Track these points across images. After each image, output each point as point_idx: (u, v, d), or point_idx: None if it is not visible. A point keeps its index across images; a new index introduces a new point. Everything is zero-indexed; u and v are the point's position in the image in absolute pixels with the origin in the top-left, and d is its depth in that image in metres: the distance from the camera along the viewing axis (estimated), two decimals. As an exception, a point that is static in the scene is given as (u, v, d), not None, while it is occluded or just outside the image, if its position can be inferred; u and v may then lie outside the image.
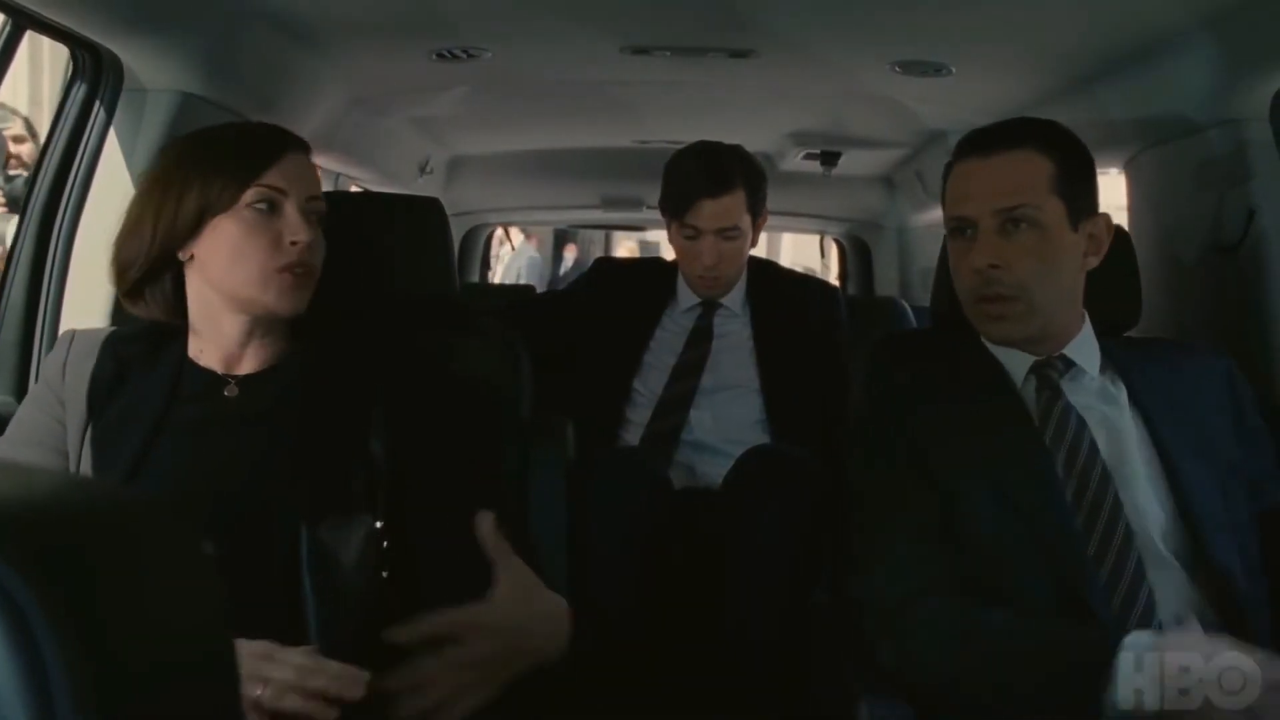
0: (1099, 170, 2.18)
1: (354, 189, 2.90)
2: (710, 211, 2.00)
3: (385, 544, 1.15)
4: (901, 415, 1.31)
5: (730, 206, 2.01)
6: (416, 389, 1.24)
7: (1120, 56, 1.77)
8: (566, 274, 7.60)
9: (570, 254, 8.45)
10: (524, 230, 6.08)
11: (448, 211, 1.64)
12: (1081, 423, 1.27)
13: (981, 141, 1.30)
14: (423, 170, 3.00)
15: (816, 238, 3.90)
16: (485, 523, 1.10)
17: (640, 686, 1.73)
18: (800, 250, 7.49)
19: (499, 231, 4.17)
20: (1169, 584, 1.19)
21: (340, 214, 1.27)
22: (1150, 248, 1.94)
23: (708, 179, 2.00)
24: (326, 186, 2.70)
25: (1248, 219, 1.67)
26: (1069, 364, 1.32)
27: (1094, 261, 1.32)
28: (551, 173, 3.19)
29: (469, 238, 3.69)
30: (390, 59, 2.02)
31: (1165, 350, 1.41)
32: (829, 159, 2.81)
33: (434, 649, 1.04)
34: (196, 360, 1.23)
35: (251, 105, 1.76)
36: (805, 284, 2.33)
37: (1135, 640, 1.01)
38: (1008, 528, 1.20)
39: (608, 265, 2.46)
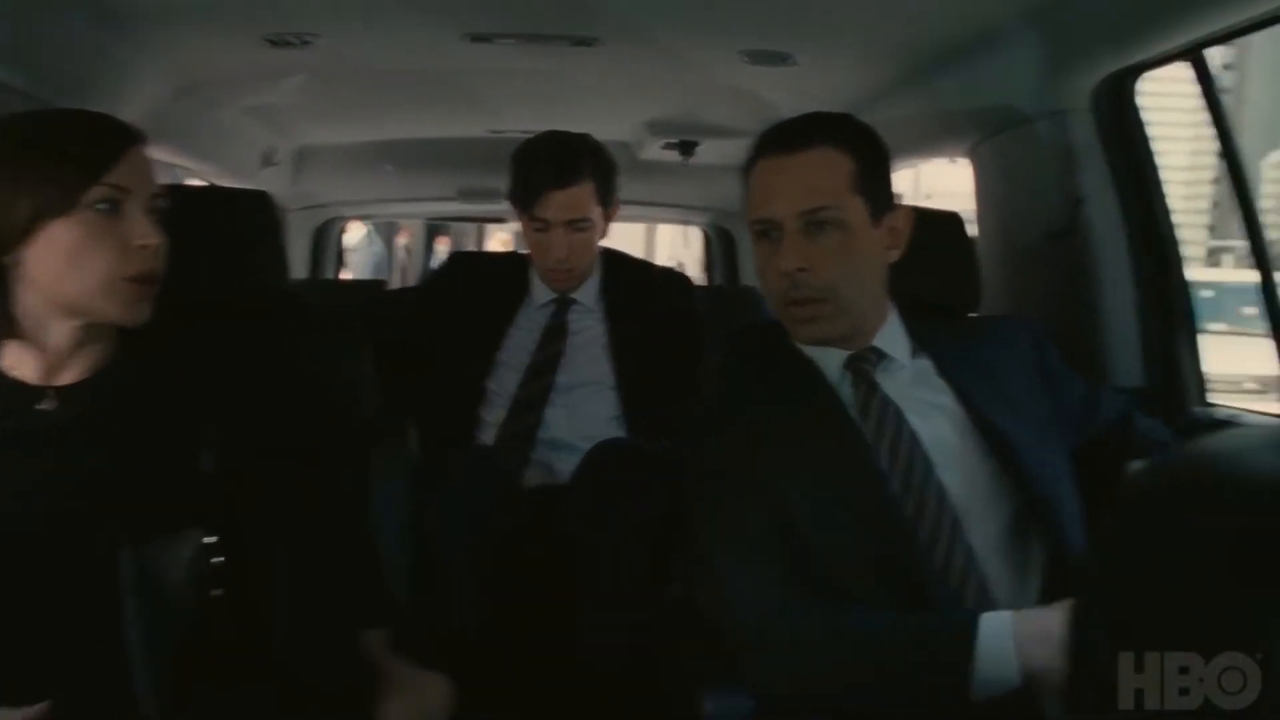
0: (948, 159, 2.30)
1: (193, 184, 2.80)
2: (559, 203, 2.00)
3: (218, 559, 1.13)
4: (727, 420, 1.33)
5: (579, 197, 2.01)
6: (248, 393, 1.20)
7: (955, 48, 1.85)
8: (441, 267, 7.52)
9: (443, 246, 8.33)
10: (368, 223, 5.99)
11: (298, 205, 1.61)
12: (899, 413, 1.31)
13: (781, 140, 1.30)
14: (267, 162, 2.91)
15: (692, 229, 3.93)
16: (372, 641, 1.13)
17: (491, 687, 1.73)
18: (678, 242, 7.55)
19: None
20: (1004, 544, 1.25)
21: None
22: (992, 234, 2.03)
23: (555, 170, 1.99)
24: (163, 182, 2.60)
25: (1076, 207, 1.77)
26: (880, 355, 1.35)
27: (895, 254, 1.34)
28: (406, 164, 3.14)
29: (322, 232, 3.60)
30: (217, 43, 1.96)
31: (971, 325, 1.47)
32: (686, 148, 2.84)
33: None
34: (7, 373, 1.15)
35: (58, 91, 1.68)
36: (659, 276, 2.34)
37: (990, 621, 1.08)
38: (840, 530, 1.23)
39: (462, 260, 2.45)
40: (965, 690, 1.10)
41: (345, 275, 4.42)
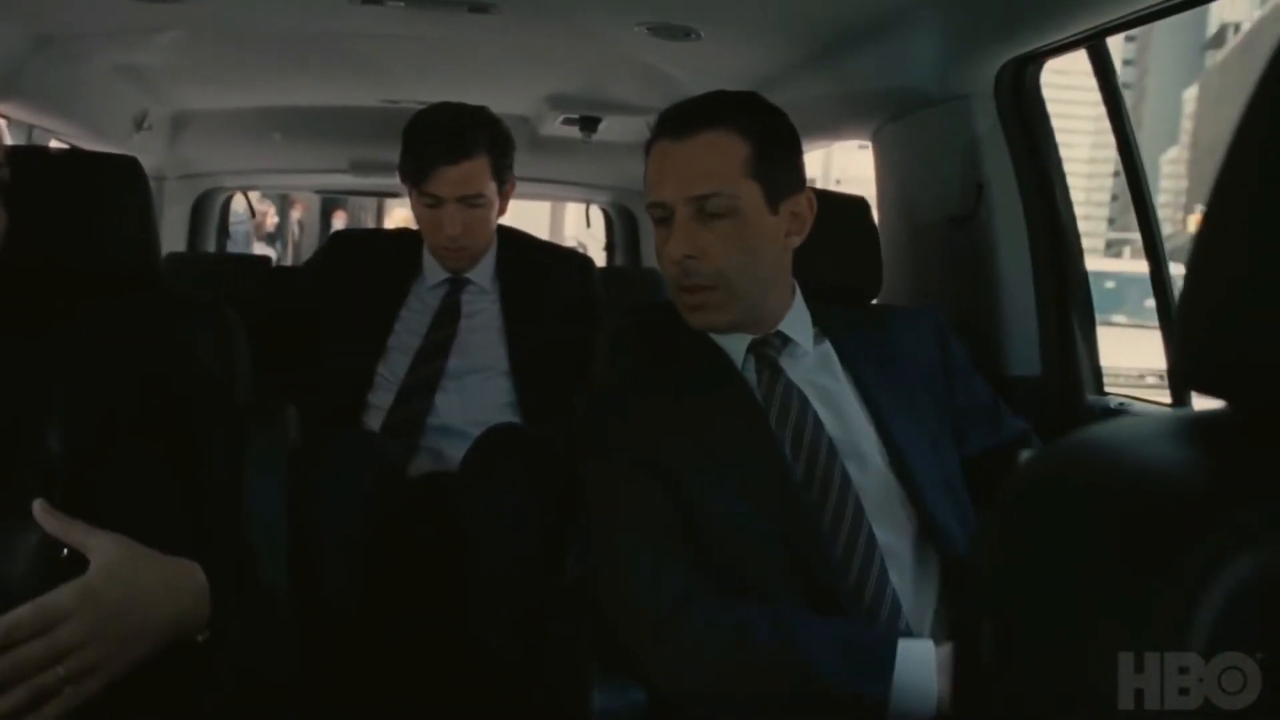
0: (857, 142, 2.31)
1: (55, 146, 2.65)
2: (451, 178, 1.97)
3: (64, 551, 1.06)
4: (626, 405, 1.32)
5: (472, 173, 1.98)
6: (102, 372, 1.14)
7: (861, 27, 1.85)
8: (325, 247, 7.32)
9: (339, 221, 8.12)
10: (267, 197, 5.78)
11: (175, 174, 1.53)
12: (804, 399, 1.31)
13: (676, 122, 1.30)
14: (139, 126, 2.77)
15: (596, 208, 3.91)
16: (38, 508, 1.02)
17: (376, 678, 1.69)
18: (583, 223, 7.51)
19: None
20: (901, 548, 1.26)
21: (13, 175, 1.14)
22: (894, 218, 2.06)
23: (447, 144, 1.96)
24: (18, 142, 2.46)
25: (977, 193, 1.80)
26: (785, 340, 1.35)
27: (797, 240, 1.34)
28: (293, 133, 3.04)
29: (202, 203, 3.46)
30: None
31: (874, 313, 1.48)
32: (588, 124, 2.81)
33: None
34: None
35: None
36: (558, 256, 2.33)
37: (913, 649, 1.11)
38: (744, 518, 1.23)
39: (345, 240, 2.38)
40: (881, 707, 1.11)
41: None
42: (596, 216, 3.90)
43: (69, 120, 2.54)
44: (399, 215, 7.58)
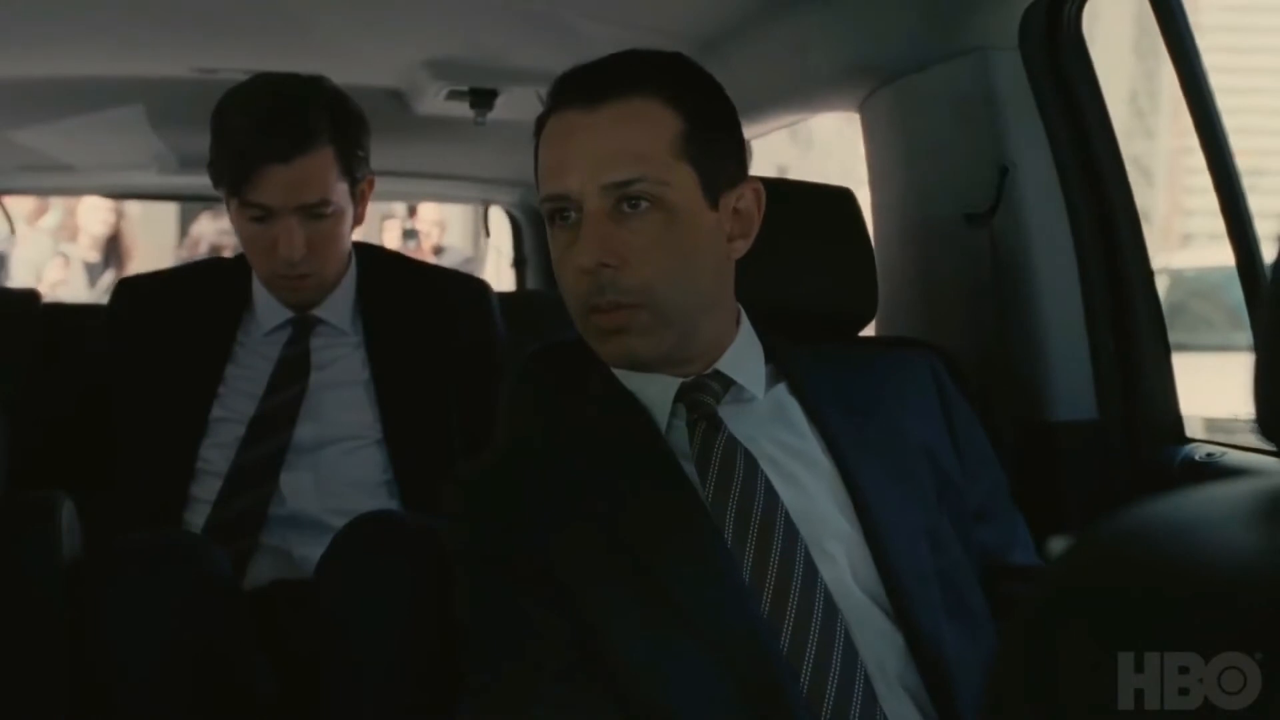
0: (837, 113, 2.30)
1: None
2: (284, 181, 1.92)
3: None
4: (503, 490, 1.30)
5: (313, 171, 1.94)
6: None
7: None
8: (110, 302, 7.09)
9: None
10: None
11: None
12: (751, 463, 1.29)
13: (584, 85, 1.29)
14: None
15: (478, 210, 3.90)
16: None
17: None
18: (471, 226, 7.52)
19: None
20: (890, 667, 1.24)
21: None
22: (889, 217, 2.05)
23: (273, 133, 1.91)
24: None
25: (1001, 179, 1.78)
26: (727, 382, 1.34)
27: (742, 246, 1.34)
28: (67, 114, 2.94)
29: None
30: None
31: (851, 351, 1.49)
32: (482, 99, 2.76)
33: None
34: None
35: None
36: (441, 282, 2.30)
37: None
38: (668, 642, 1.20)
39: (136, 286, 2.32)
40: None
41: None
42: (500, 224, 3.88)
43: None
44: (427, 218, 7.50)
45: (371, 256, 2.20)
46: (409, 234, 5.84)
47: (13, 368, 1.61)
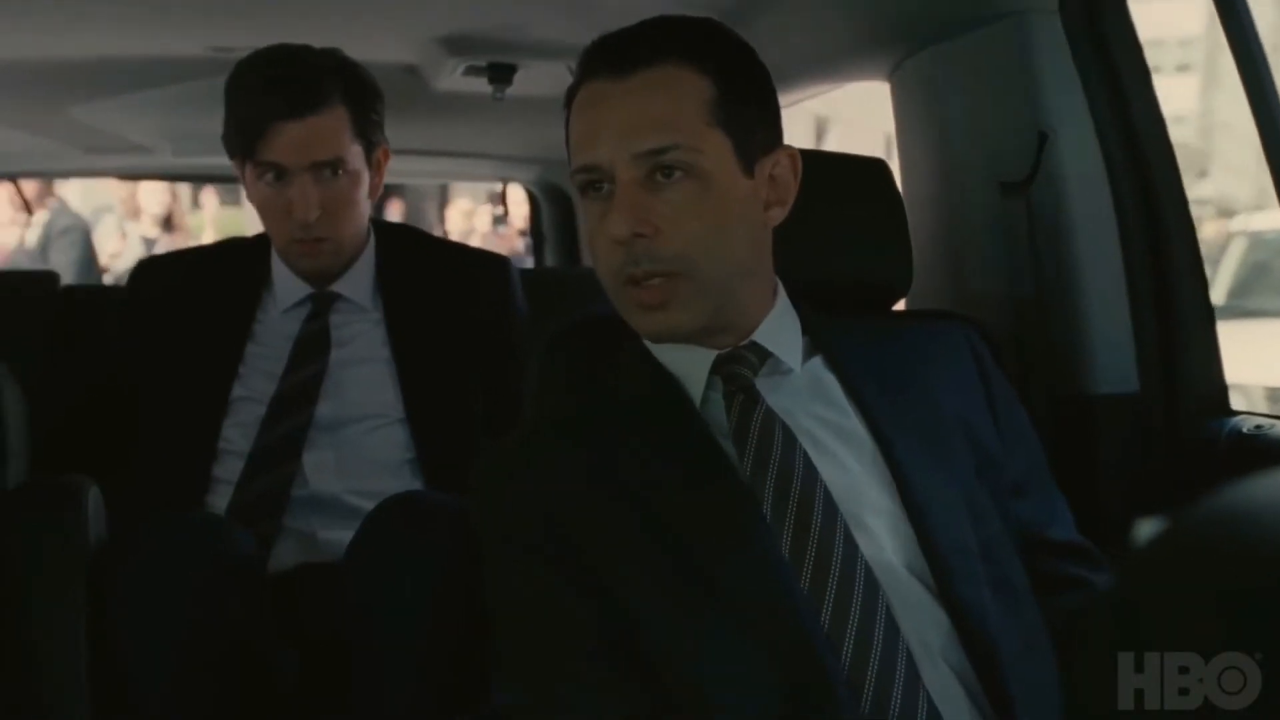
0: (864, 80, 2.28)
1: None
2: (296, 137, 1.93)
3: None
4: (537, 460, 1.29)
5: (326, 129, 1.95)
6: None
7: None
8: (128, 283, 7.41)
9: (393, 213, 8.11)
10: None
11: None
12: (789, 437, 1.28)
13: (613, 54, 1.29)
14: None
15: (498, 186, 3.90)
16: None
17: None
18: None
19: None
20: (933, 646, 1.22)
21: None
22: (922, 187, 2.04)
23: (285, 92, 1.92)
24: None
25: (1040, 146, 1.76)
26: (764, 354, 1.33)
27: (779, 214, 1.33)
28: (80, 96, 2.93)
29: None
30: None
31: (889, 323, 1.49)
32: (500, 74, 2.75)
33: None
34: None
35: None
36: (462, 258, 2.31)
37: None
38: (704, 621, 1.19)
39: (154, 267, 2.34)
40: None
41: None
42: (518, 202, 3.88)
43: None
44: (460, 209, 7.56)
45: (391, 233, 2.19)
46: (499, 219, 5.90)
47: (32, 350, 1.62)
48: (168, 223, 6.50)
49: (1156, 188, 1.75)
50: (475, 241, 7.22)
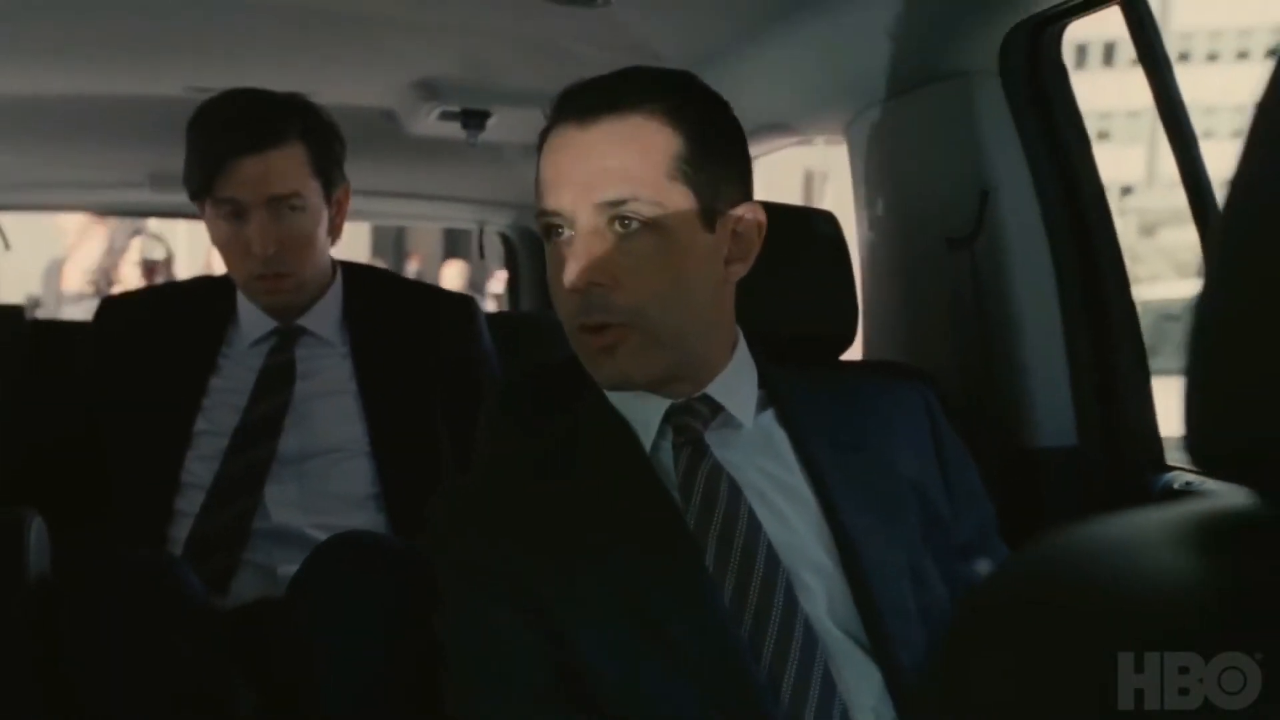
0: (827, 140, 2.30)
1: None
2: (253, 173, 1.93)
3: None
4: (490, 501, 1.29)
5: (281, 165, 1.95)
6: None
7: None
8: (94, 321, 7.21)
9: (414, 267, 8.01)
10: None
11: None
12: (735, 490, 1.28)
13: (583, 101, 1.26)
14: None
15: (474, 230, 3.88)
16: None
17: None
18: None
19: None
20: (864, 701, 1.22)
21: None
22: (873, 241, 2.04)
23: (242, 129, 1.93)
24: None
25: (982, 202, 1.78)
26: (716, 407, 1.32)
27: (740, 269, 1.32)
28: (62, 133, 2.94)
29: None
30: None
31: (844, 377, 1.47)
32: (474, 120, 2.76)
33: None
34: None
35: None
36: (428, 299, 2.30)
37: None
38: (646, 663, 1.19)
39: (117, 305, 2.33)
40: None
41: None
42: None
43: None
44: (453, 268, 7.49)
45: (357, 272, 2.19)
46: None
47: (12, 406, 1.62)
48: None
49: (1094, 245, 1.77)
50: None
